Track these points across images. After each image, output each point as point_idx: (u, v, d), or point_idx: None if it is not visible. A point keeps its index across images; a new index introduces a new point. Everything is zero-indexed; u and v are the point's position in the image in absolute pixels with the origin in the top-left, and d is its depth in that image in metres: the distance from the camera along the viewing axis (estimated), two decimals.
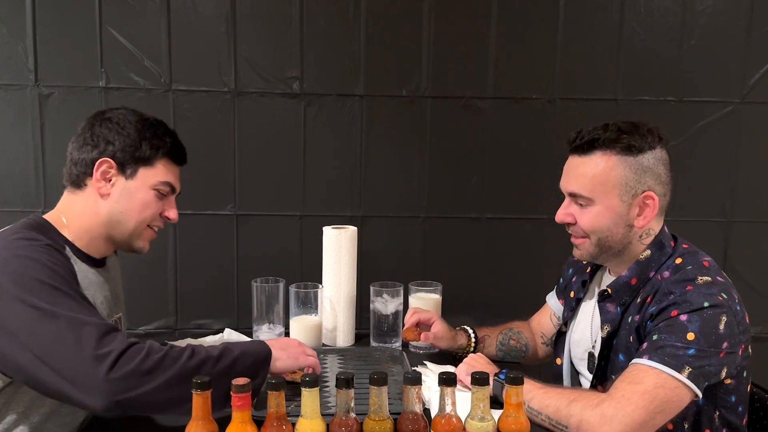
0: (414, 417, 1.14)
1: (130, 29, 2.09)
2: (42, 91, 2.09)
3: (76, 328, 1.17)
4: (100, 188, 1.38)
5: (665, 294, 1.34)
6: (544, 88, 2.18)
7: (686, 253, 1.42)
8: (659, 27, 2.16)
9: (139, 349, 1.19)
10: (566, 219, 1.46)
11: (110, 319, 1.44)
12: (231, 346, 1.30)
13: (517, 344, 1.78)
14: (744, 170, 2.23)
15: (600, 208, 1.41)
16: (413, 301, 1.83)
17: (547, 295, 1.81)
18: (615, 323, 1.44)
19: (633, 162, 1.38)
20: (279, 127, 2.17)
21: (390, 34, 2.15)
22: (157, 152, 1.41)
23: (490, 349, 1.76)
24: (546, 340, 1.79)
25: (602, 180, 1.39)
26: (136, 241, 1.44)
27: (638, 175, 1.38)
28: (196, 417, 1.09)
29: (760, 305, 2.22)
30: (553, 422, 1.28)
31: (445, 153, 2.21)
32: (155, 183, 1.41)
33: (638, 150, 1.38)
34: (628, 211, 1.40)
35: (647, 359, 1.26)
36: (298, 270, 2.16)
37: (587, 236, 1.44)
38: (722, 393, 1.35)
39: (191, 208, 2.18)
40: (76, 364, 1.15)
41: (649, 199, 1.39)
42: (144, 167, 1.40)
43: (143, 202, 1.41)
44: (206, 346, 1.29)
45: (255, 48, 2.13)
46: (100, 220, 1.40)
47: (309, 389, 1.10)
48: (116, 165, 1.38)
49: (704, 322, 1.27)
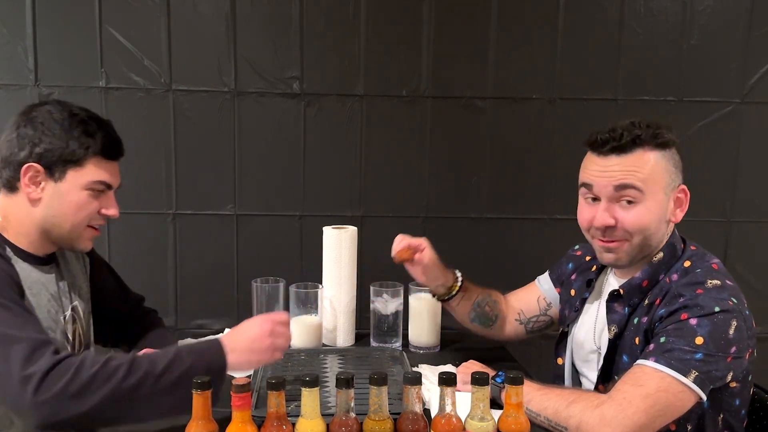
0: (414, 417, 1.14)
1: (130, 29, 2.09)
2: (42, 91, 2.09)
3: (5, 345, 1.13)
4: (30, 193, 1.33)
5: (675, 297, 1.32)
6: (544, 88, 2.18)
7: (694, 255, 1.41)
8: (659, 27, 2.16)
9: (66, 367, 1.12)
10: (609, 221, 1.38)
11: (62, 314, 1.42)
12: (181, 356, 1.20)
13: (490, 312, 1.72)
14: (744, 170, 2.23)
15: (649, 204, 1.37)
16: (413, 301, 1.83)
17: (538, 276, 1.75)
18: (621, 324, 1.43)
19: (670, 157, 1.38)
20: (279, 127, 2.17)
21: (390, 34, 2.15)
22: (87, 151, 1.34)
23: (466, 304, 1.70)
24: (522, 319, 1.73)
25: (651, 174, 1.36)
26: (76, 243, 1.40)
27: (676, 169, 1.39)
28: (196, 417, 1.09)
29: (760, 305, 2.21)
30: (552, 424, 1.28)
31: (445, 153, 2.21)
32: (86, 183, 1.35)
33: (672, 144, 1.38)
34: (668, 205, 1.39)
35: (653, 361, 1.25)
36: (298, 270, 2.16)
37: (629, 238, 1.39)
38: (727, 397, 1.35)
39: (191, 208, 2.18)
40: (6, 385, 1.12)
41: (681, 193, 1.40)
42: (73, 168, 1.34)
43: (76, 204, 1.35)
44: (151, 357, 1.20)
45: (255, 48, 2.13)
46: (35, 224, 1.35)
47: (309, 389, 1.10)
48: (43, 169, 1.32)
49: (714, 327, 1.25)
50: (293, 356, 1.70)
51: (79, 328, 1.48)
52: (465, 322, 1.73)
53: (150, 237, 2.17)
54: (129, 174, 2.12)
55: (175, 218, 2.18)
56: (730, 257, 2.23)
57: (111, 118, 2.06)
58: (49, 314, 1.39)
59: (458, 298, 1.69)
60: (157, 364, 1.17)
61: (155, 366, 1.17)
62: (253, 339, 1.29)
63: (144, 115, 2.13)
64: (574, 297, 1.62)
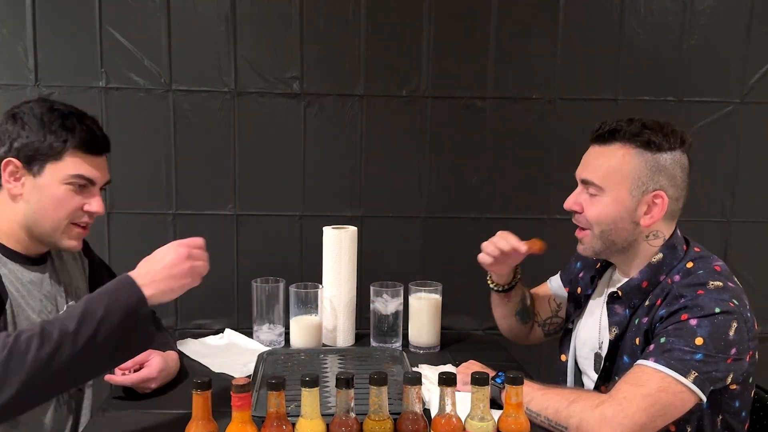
0: (414, 417, 1.14)
1: (130, 29, 2.09)
2: (42, 91, 2.09)
3: None
4: (10, 189, 1.34)
5: (676, 297, 1.33)
6: (544, 88, 2.18)
7: (698, 257, 1.41)
8: (659, 27, 2.16)
9: None
10: (574, 207, 1.46)
11: (57, 313, 1.40)
12: (92, 306, 1.13)
13: (531, 307, 1.74)
14: (744, 170, 2.23)
15: (608, 200, 1.40)
16: (413, 301, 1.83)
17: (550, 277, 1.78)
18: (623, 325, 1.43)
19: (650, 158, 1.38)
20: (279, 127, 2.17)
21: (390, 34, 2.15)
22: (65, 144, 1.33)
23: (517, 296, 1.70)
24: (539, 320, 1.75)
25: (616, 170, 1.39)
26: (61, 241, 1.39)
27: (652, 173, 1.38)
28: (196, 417, 1.09)
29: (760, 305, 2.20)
30: (552, 424, 1.28)
31: (445, 153, 2.21)
32: (65, 177, 1.34)
33: (657, 147, 1.38)
34: (636, 207, 1.39)
35: (653, 361, 1.26)
36: (298, 270, 2.16)
37: (590, 227, 1.44)
38: (727, 398, 1.35)
39: (191, 208, 2.18)
40: None
41: (659, 199, 1.39)
42: (51, 162, 1.33)
43: (56, 199, 1.34)
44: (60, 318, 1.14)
45: (255, 48, 2.13)
46: (18, 222, 1.35)
47: (309, 389, 1.10)
48: (22, 163, 1.32)
49: (714, 327, 1.26)
50: (293, 356, 1.70)
51: None
52: (509, 316, 1.73)
53: (150, 237, 2.17)
54: (129, 174, 2.15)
55: (175, 218, 2.18)
56: (730, 257, 2.22)
57: (111, 118, 2.11)
58: (41, 314, 1.38)
59: (516, 289, 1.70)
60: (68, 322, 1.11)
61: (67, 325, 1.10)
62: (171, 265, 1.23)
63: (144, 115, 2.13)
64: (579, 294, 1.62)
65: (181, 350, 1.80)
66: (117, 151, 2.13)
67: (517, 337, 1.79)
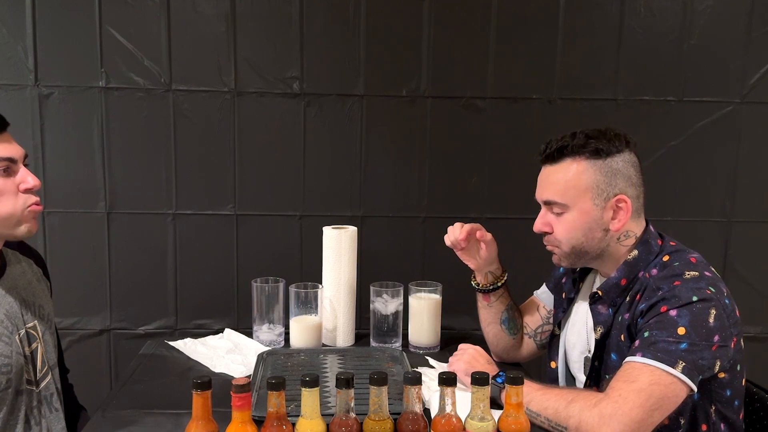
0: (414, 417, 1.14)
1: (130, 29, 2.09)
2: (42, 91, 2.09)
3: None
4: None
5: (653, 290, 1.35)
6: (544, 88, 2.18)
7: (674, 250, 1.44)
8: (659, 27, 2.16)
9: None
10: (544, 228, 1.49)
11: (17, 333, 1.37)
12: None
13: (518, 320, 1.74)
14: (744, 170, 2.23)
15: (575, 215, 1.43)
16: (413, 301, 1.83)
17: (535, 291, 1.79)
18: (607, 324, 1.45)
19: (603, 165, 1.41)
20: (279, 127, 2.17)
21: (390, 34, 2.15)
22: None
23: (502, 303, 1.71)
24: (529, 332, 1.75)
25: (574, 184, 1.42)
26: (14, 229, 1.36)
27: (609, 178, 1.41)
28: (196, 417, 1.10)
29: (760, 305, 2.22)
30: (552, 424, 1.28)
31: (445, 153, 2.21)
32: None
33: (606, 153, 1.41)
34: (602, 215, 1.42)
35: (640, 356, 1.27)
36: (298, 270, 2.17)
37: (559, 245, 1.47)
38: (717, 387, 1.36)
39: (191, 208, 2.18)
40: None
41: (622, 203, 1.42)
42: None
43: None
44: None
45: (255, 48, 2.13)
46: None
47: (309, 389, 1.10)
48: None
49: (694, 316, 1.28)
50: (293, 356, 1.70)
51: (40, 348, 1.44)
52: (493, 323, 1.73)
53: (150, 237, 2.17)
54: (129, 174, 2.15)
55: (175, 218, 2.18)
56: (730, 257, 2.22)
57: (111, 118, 2.11)
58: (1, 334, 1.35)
59: (499, 293, 1.71)
60: None
61: None
62: None
63: (144, 115, 2.13)
64: (564, 299, 1.63)
65: (181, 350, 1.80)
66: (117, 151, 2.16)
67: (508, 352, 1.76)
